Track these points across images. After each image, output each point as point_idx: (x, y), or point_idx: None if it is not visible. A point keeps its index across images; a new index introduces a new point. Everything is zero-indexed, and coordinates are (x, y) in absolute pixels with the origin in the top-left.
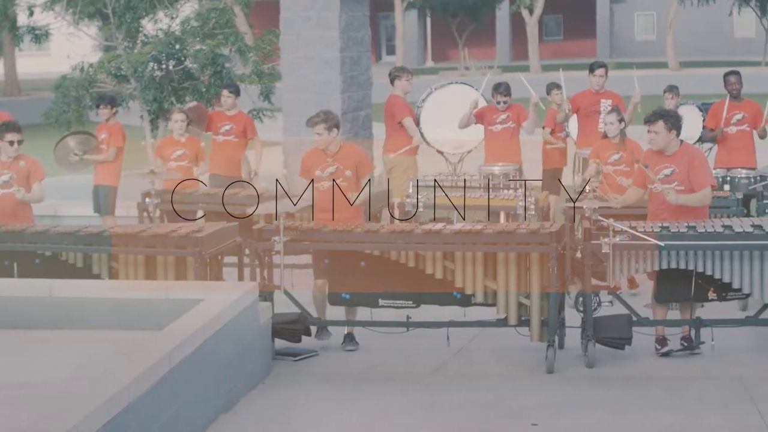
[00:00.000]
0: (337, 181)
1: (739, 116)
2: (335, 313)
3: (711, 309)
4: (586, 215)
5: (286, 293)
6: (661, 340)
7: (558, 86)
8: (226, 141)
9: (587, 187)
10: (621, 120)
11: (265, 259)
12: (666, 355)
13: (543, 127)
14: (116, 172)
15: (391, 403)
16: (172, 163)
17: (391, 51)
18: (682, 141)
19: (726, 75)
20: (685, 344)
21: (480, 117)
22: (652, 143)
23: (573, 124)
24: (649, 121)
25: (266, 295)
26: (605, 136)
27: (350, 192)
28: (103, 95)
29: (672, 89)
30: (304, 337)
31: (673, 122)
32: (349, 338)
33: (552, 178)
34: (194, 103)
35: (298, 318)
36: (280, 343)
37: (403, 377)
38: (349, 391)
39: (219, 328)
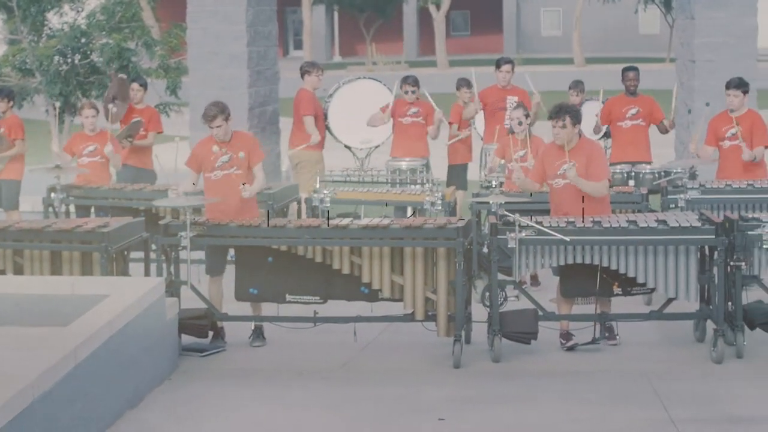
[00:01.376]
0: (231, 171)
1: (633, 111)
2: (242, 308)
3: (616, 304)
4: (493, 210)
5: (193, 289)
6: (566, 335)
7: (468, 83)
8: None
9: (494, 182)
10: (527, 116)
11: (171, 255)
12: (571, 349)
13: (449, 123)
14: (19, 165)
15: (299, 399)
16: (84, 158)
17: (298, 46)
18: (581, 135)
19: (624, 70)
20: (607, 334)
21: (391, 111)
22: (556, 137)
23: (479, 120)
24: (554, 116)
25: (173, 291)
26: (511, 131)
27: (243, 180)
28: (0, 88)
29: (577, 85)
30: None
31: (577, 117)
32: (257, 333)
33: (458, 174)
34: (117, 78)
35: (205, 313)
36: (187, 339)
37: (311, 372)
38: (256, 387)
39: (125, 324)
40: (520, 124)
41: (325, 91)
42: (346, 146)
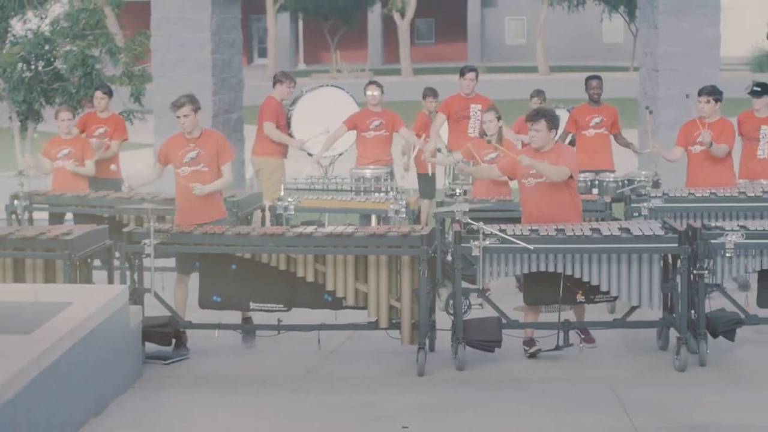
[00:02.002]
0: (198, 167)
1: (597, 120)
2: (206, 315)
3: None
4: (457, 218)
5: (157, 296)
6: (529, 342)
7: (434, 92)
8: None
9: (458, 191)
10: (499, 118)
11: (135, 262)
12: (533, 356)
13: (418, 135)
14: None
15: (263, 407)
16: (58, 162)
17: (263, 53)
18: (556, 141)
19: (588, 79)
20: (584, 336)
21: (352, 124)
22: (532, 141)
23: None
24: (531, 119)
25: (136, 299)
26: (483, 134)
27: (211, 179)
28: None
29: (539, 94)
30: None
31: (554, 122)
32: (247, 334)
33: (423, 182)
34: None
35: (169, 321)
36: (151, 347)
37: (275, 380)
38: (220, 395)
39: (89, 332)
40: (488, 130)
41: (288, 99)
42: (309, 154)
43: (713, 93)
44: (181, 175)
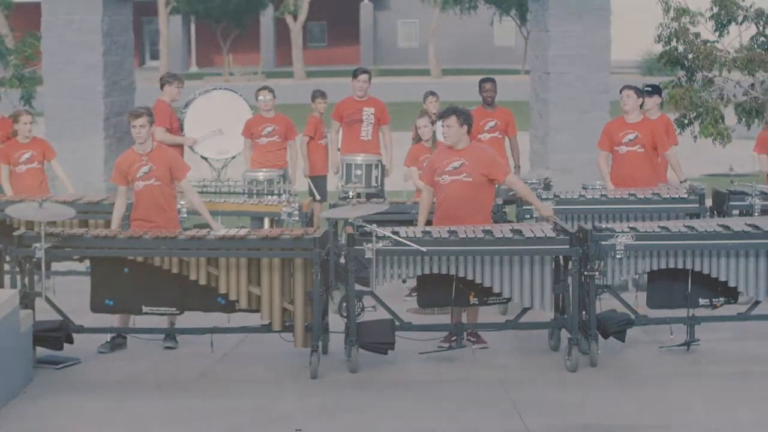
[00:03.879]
0: (151, 182)
1: (492, 123)
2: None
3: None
4: (350, 221)
5: (48, 300)
6: (474, 334)
7: (323, 94)
8: None
9: (351, 193)
10: (433, 122)
11: (25, 266)
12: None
13: (303, 135)
14: None
15: (156, 411)
16: (21, 166)
17: (155, 56)
18: (471, 141)
19: (481, 82)
20: (472, 339)
21: (248, 132)
22: (445, 137)
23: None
24: (442, 116)
25: (27, 303)
26: (419, 140)
27: (165, 194)
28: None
29: (433, 94)
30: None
31: (465, 118)
32: (169, 335)
33: (316, 185)
34: None
35: (60, 325)
36: (42, 351)
37: (168, 384)
38: (112, 399)
39: None
40: (423, 135)
41: (181, 102)
42: (202, 157)
43: (634, 87)
44: (136, 190)
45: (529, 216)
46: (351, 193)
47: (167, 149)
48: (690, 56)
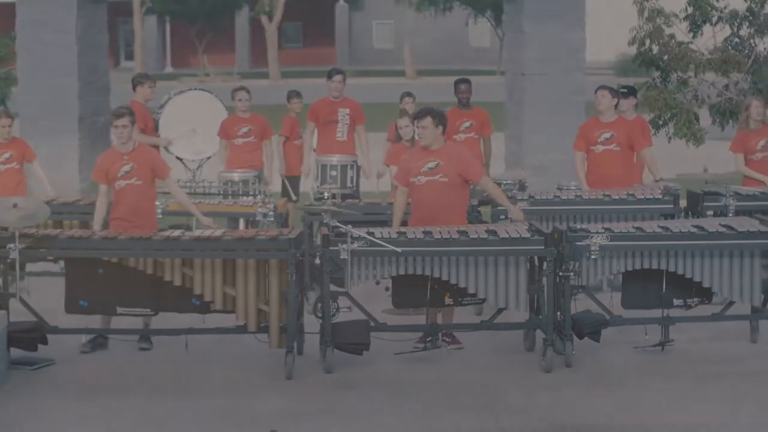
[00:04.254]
0: (131, 181)
1: (467, 124)
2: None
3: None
4: (325, 222)
5: (22, 301)
6: (449, 335)
7: (298, 94)
8: None
9: (325, 194)
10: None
11: None
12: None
13: (279, 135)
14: None
15: (131, 412)
16: (1, 166)
17: (129, 56)
18: (446, 141)
19: (456, 83)
20: (447, 340)
21: (224, 134)
22: (420, 138)
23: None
24: (417, 117)
25: (1, 304)
26: (399, 139)
27: (145, 194)
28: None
29: (409, 94)
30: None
31: (440, 119)
32: (143, 336)
33: (292, 185)
34: None
35: (35, 326)
36: (16, 352)
37: (142, 385)
38: (87, 400)
39: None
40: (404, 135)
41: (156, 102)
42: (177, 158)
43: (609, 87)
44: (117, 189)
45: (503, 217)
46: (326, 194)
47: (148, 149)
48: (665, 57)
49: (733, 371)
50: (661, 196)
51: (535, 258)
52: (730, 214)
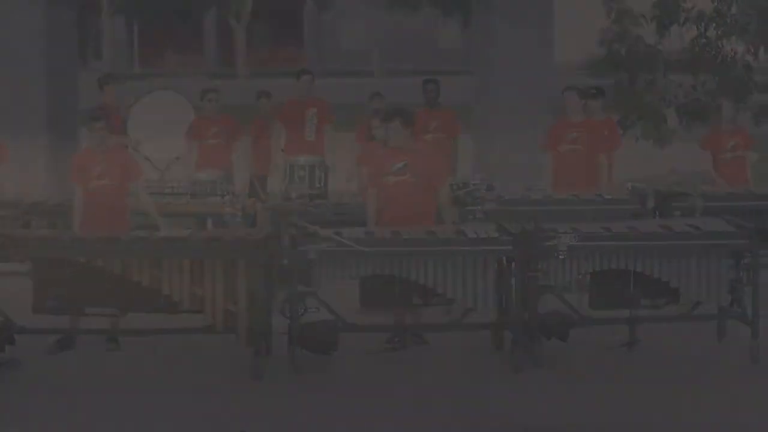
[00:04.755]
0: (105, 181)
1: (435, 124)
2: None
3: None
4: (293, 222)
5: None
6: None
7: (267, 94)
8: None
9: (293, 194)
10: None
11: None
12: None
13: (249, 135)
14: None
15: (99, 413)
16: None
17: (98, 56)
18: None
19: (424, 83)
20: (416, 340)
21: (192, 133)
22: (390, 140)
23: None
24: (386, 118)
25: None
26: (370, 139)
27: (117, 195)
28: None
29: (378, 95)
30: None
31: (409, 119)
32: (110, 337)
33: (259, 185)
34: None
35: (1, 326)
36: None
37: (111, 386)
38: (53, 401)
39: None
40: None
41: (125, 102)
42: (145, 158)
43: (577, 89)
44: (89, 191)
45: (472, 217)
46: (294, 195)
47: (123, 150)
48: (633, 58)
49: (701, 371)
50: (628, 197)
51: (504, 258)
52: (698, 214)
